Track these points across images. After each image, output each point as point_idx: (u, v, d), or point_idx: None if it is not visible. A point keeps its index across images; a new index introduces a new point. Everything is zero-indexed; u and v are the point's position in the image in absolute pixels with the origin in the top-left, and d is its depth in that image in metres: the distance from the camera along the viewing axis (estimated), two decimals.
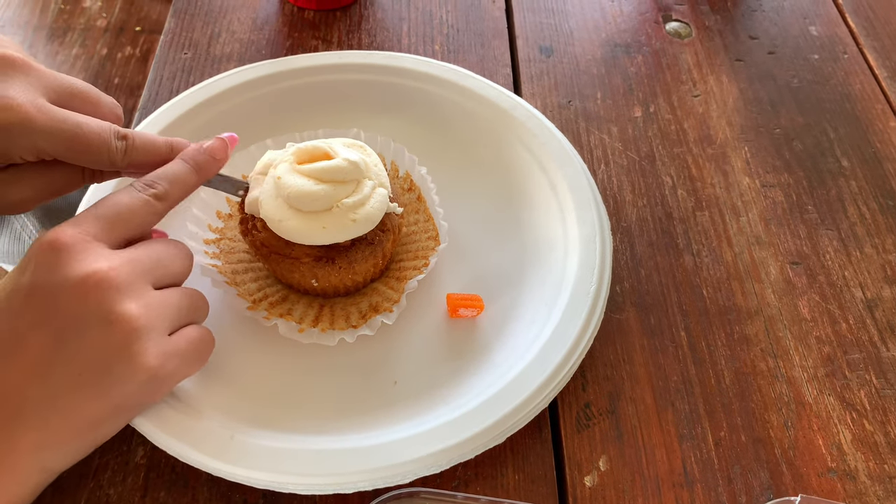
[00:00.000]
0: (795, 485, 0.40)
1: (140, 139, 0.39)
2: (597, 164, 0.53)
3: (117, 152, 0.38)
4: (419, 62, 0.53)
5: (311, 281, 0.41)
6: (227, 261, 0.45)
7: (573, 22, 0.63)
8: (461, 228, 0.48)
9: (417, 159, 0.48)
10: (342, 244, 0.40)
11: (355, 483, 0.36)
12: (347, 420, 0.40)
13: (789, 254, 0.49)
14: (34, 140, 0.36)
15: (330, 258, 0.40)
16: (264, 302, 0.43)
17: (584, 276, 0.43)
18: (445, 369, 0.42)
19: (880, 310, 0.47)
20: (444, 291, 0.45)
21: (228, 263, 0.45)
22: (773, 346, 0.45)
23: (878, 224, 0.51)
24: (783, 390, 0.43)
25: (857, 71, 0.60)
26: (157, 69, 0.59)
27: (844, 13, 0.65)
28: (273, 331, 0.42)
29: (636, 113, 0.57)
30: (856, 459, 0.41)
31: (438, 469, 0.37)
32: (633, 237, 0.49)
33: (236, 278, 0.44)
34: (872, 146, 0.55)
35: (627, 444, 0.41)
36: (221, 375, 0.41)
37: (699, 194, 0.52)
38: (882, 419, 0.42)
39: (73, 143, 0.37)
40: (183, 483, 0.39)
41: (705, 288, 0.47)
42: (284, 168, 0.40)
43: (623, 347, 0.44)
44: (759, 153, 0.55)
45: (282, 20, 0.62)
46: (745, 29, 0.64)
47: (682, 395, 0.43)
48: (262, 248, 0.41)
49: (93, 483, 0.39)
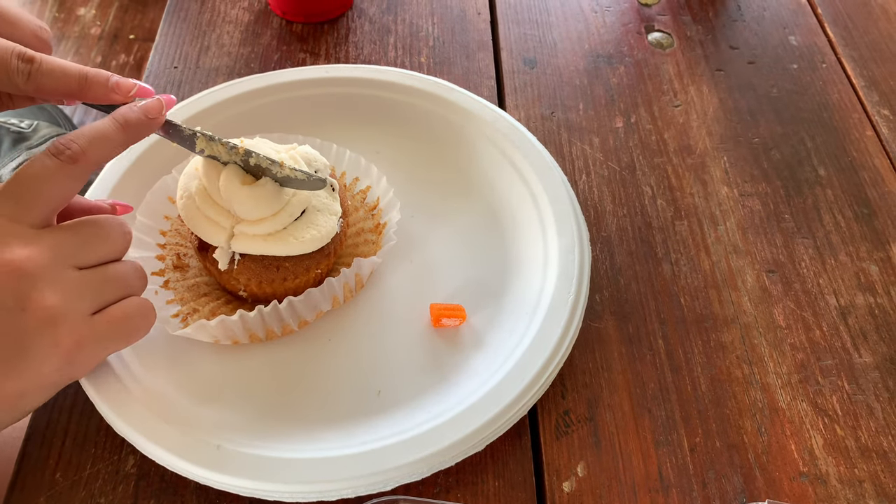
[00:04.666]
0: (768, 489, 0.41)
1: (48, 64, 0.37)
2: (578, 175, 0.54)
3: (18, 74, 0.37)
4: (405, 76, 0.54)
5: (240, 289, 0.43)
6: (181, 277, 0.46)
7: (556, 33, 0.64)
8: (444, 239, 0.49)
9: (385, 177, 0.49)
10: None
11: (339, 490, 0.37)
12: (331, 429, 0.41)
13: (766, 262, 0.50)
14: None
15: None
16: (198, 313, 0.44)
17: (562, 285, 0.44)
18: (428, 378, 0.43)
19: (853, 316, 0.48)
20: (428, 301, 0.46)
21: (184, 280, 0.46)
22: (749, 353, 0.46)
23: (853, 232, 0.52)
24: (757, 396, 0.44)
25: (835, 80, 0.62)
26: (148, 83, 0.60)
27: (823, 23, 0.66)
28: (257, 345, 0.44)
29: (618, 123, 0.58)
30: (827, 464, 0.42)
31: (420, 476, 0.39)
32: (612, 247, 0.51)
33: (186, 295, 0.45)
34: (849, 155, 0.57)
35: (605, 451, 0.42)
36: (208, 387, 0.42)
37: (678, 204, 0.53)
38: (853, 424, 0.43)
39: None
40: (172, 491, 0.40)
41: (683, 296, 0.48)
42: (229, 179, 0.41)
43: (602, 355, 0.46)
44: (738, 163, 0.56)
45: (270, 33, 0.63)
46: (726, 39, 0.65)
47: (658, 401, 0.44)
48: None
49: (84, 492, 0.40)
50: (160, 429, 0.38)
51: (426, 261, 0.48)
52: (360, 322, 0.46)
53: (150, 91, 0.40)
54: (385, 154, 0.53)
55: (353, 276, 0.44)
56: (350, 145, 0.50)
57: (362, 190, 0.50)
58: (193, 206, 0.41)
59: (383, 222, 0.48)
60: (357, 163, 0.50)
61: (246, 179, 0.41)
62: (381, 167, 0.50)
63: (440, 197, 0.51)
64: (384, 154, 0.53)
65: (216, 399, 0.42)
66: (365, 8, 0.66)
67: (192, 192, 0.41)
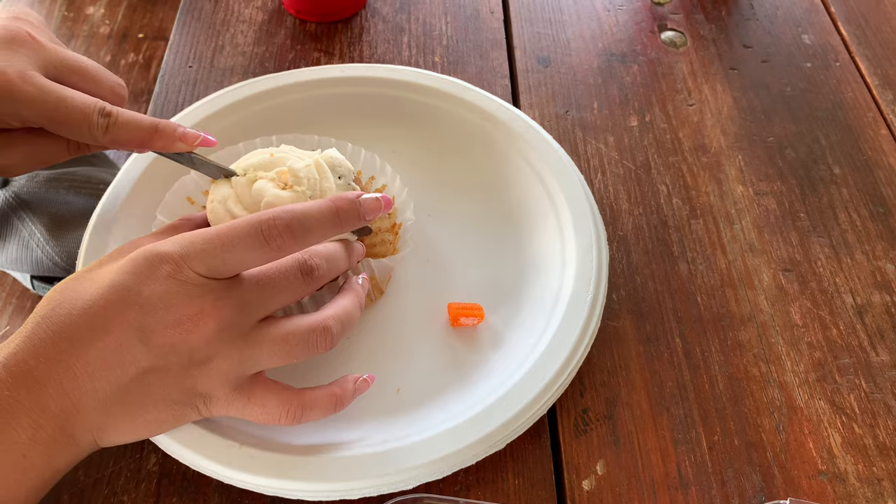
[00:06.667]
0: (787, 487, 0.41)
1: (123, 117, 0.40)
2: (594, 174, 0.54)
3: (98, 128, 0.39)
4: (420, 75, 0.54)
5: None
6: None
7: (570, 32, 0.64)
8: (460, 238, 0.49)
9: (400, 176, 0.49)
10: None
11: (360, 489, 0.38)
12: (352, 427, 0.41)
13: (782, 261, 0.50)
14: (17, 108, 0.38)
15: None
16: None
17: (580, 285, 0.45)
18: (447, 377, 0.43)
19: (870, 315, 0.48)
20: (446, 301, 0.46)
21: None
22: (766, 351, 0.46)
23: (869, 231, 0.52)
24: (775, 395, 0.44)
25: (848, 79, 0.62)
26: (163, 82, 0.60)
27: (837, 21, 0.66)
28: None
29: (632, 122, 0.58)
30: (845, 462, 0.42)
31: (441, 475, 0.39)
32: (629, 245, 0.51)
33: None
34: (864, 154, 0.57)
35: (624, 449, 0.42)
36: None
37: (694, 202, 0.53)
38: (871, 422, 0.43)
39: (54, 114, 0.39)
40: (194, 490, 0.40)
41: (700, 295, 0.49)
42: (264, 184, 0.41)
43: (620, 354, 0.46)
44: (753, 161, 0.56)
45: (284, 32, 0.63)
46: (739, 38, 0.65)
47: (676, 400, 0.44)
48: None
49: (107, 489, 0.40)
50: (182, 427, 0.39)
51: (443, 260, 0.48)
52: (378, 321, 0.46)
53: (213, 141, 0.42)
54: (401, 153, 0.53)
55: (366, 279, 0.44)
56: (366, 144, 0.50)
57: (378, 189, 0.50)
58: (224, 210, 0.41)
59: (399, 223, 0.48)
60: (372, 162, 0.50)
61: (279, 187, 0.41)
62: (398, 166, 0.50)
63: (457, 196, 0.51)
64: (401, 153, 0.53)
65: None
66: (378, 7, 0.66)
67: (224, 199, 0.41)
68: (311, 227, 0.36)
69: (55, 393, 0.32)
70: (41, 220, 0.70)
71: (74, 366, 0.33)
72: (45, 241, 0.69)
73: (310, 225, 0.36)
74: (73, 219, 0.71)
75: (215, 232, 0.34)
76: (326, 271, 0.38)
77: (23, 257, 0.71)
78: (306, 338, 0.36)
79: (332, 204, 0.37)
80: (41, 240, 0.70)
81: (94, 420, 0.33)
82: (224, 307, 0.34)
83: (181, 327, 0.33)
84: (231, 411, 0.36)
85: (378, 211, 0.39)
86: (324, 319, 0.37)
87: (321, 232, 0.37)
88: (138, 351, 0.33)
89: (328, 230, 0.37)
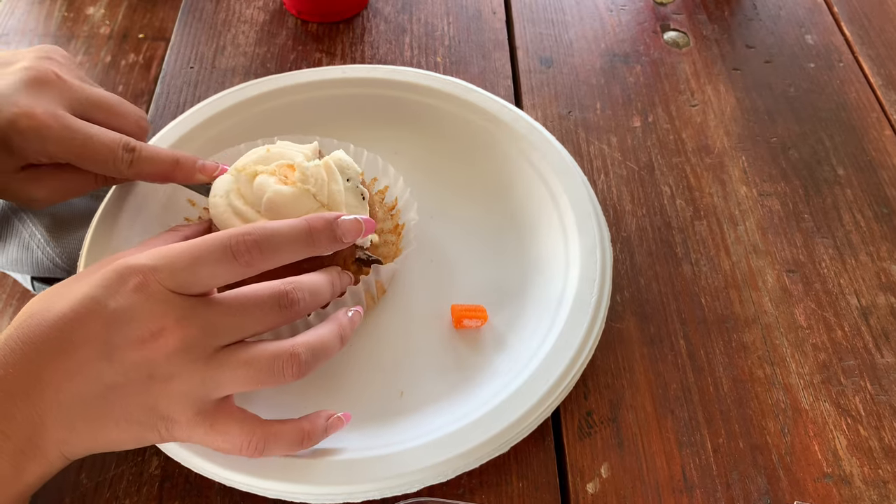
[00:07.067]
0: (792, 490, 0.41)
1: (147, 152, 0.43)
2: (597, 175, 0.54)
3: (122, 163, 0.42)
4: (422, 76, 0.54)
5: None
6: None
7: (573, 32, 0.64)
8: (463, 239, 0.49)
9: (402, 177, 0.48)
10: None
11: (364, 492, 0.37)
12: (355, 430, 0.41)
13: (786, 262, 0.50)
14: (45, 145, 0.40)
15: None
16: None
17: (584, 287, 0.44)
18: (450, 379, 0.43)
19: (875, 317, 0.48)
20: (449, 302, 0.46)
21: None
22: (770, 353, 0.46)
23: (873, 232, 0.52)
24: (780, 397, 0.44)
25: (852, 79, 0.61)
26: (164, 83, 0.60)
27: (840, 22, 0.66)
28: None
29: (635, 123, 0.58)
30: (851, 465, 0.42)
31: (444, 478, 0.38)
32: (632, 247, 0.51)
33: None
34: (867, 154, 0.56)
35: (628, 452, 0.42)
36: None
37: (697, 203, 0.53)
38: (877, 425, 0.43)
39: (81, 151, 0.41)
40: (196, 493, 0.40)
41: (704, 296, 0.48)
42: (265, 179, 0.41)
43: (623, 356, 0.45)
44: (756, 162, 0.56)
45: (286, 33, 0.63)
46: (742, 38, 0.65)
47: (681, 402, 0.44)
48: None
49: (109, 493, 0.40)
50: None
51: (446, 261, 0.48)
52: (381, 323, 0.46)
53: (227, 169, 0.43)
54: (404, 154, 0.52)
55: (374, 283, 0.44)
56: (368, 146, 0.50)
57: (381, 190, 0.50)
58: (226, 204, 0.41)
59: (401, 223, 0.47)
60: (374, 163, 0.50)
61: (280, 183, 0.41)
62: (400, 168, 0.50)
63: (459, 197, 0.51)
64: (403, 154, 0.53)
65: (240, 401, 0.42)
66: (380, 7, 0.66)
67: (226, 192, 0.41)
68: (279, 246, 0.35)
69: (22, 404, 0.32)
70: (42, 222, 0.70)
71: (41, 377, 0.32)
72: (45, 242, 0.69)
73: (279, 243, 0.35)
74: (74, 220, 0.71)
75: (186, 245, 0.34)
76: (308, 305, 0.37)
77: (23, 258, 0.71)
78: (271, 364, 0.34)
79: (305, 224, 0.37)
80: (42, 241, 0.70)
81: (58, 434, 0.33)
82: (188, 326, 0.33)
83: (143, 343, 0.33)
84: (193, 437, 0.35)
85: (358, 234, 0.39)
86: (293, 346, 0.35)
87: (291, 251, 0.36)
88: (102, 366, 0.32)
89: (299, 250, 0.36)
